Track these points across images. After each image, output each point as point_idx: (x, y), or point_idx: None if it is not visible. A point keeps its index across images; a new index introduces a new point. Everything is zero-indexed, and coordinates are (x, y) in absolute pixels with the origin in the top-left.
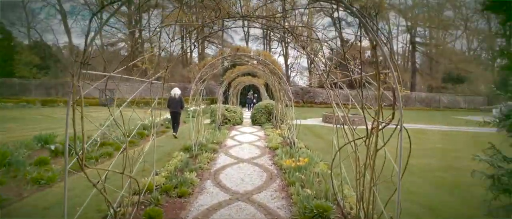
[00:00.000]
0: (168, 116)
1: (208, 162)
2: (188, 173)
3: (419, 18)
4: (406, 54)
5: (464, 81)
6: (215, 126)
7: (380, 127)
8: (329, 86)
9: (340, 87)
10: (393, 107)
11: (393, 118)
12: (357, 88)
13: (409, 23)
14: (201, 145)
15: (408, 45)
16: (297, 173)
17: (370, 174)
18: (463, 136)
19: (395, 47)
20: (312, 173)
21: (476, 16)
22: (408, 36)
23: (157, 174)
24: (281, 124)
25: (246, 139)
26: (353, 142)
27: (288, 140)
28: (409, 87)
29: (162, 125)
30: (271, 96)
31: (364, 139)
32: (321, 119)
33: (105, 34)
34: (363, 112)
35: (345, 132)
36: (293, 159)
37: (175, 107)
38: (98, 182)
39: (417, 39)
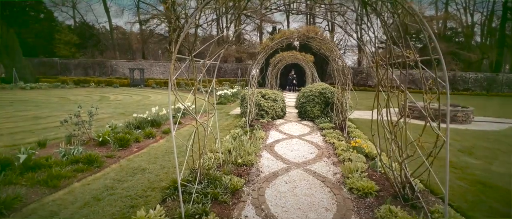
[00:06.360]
0: (180, 105)
1: None
2: None
3: None
4: (487, 25)
5: None
6: (245, 122)
7: None
8: None
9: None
10: None
11: None
12: None
13: None
14: (208, 177)
15: (488, 14)
16: None
17: None
18: None
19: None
20: None
21: None
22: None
23: None
24: (343, 120)
25: (294, 153)
26: None
27: (393, 182)
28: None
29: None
30: (334, 80)
31: None
32: None
33: (140, 11)
34: None
35: None
36: None
37: None
38: None
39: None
